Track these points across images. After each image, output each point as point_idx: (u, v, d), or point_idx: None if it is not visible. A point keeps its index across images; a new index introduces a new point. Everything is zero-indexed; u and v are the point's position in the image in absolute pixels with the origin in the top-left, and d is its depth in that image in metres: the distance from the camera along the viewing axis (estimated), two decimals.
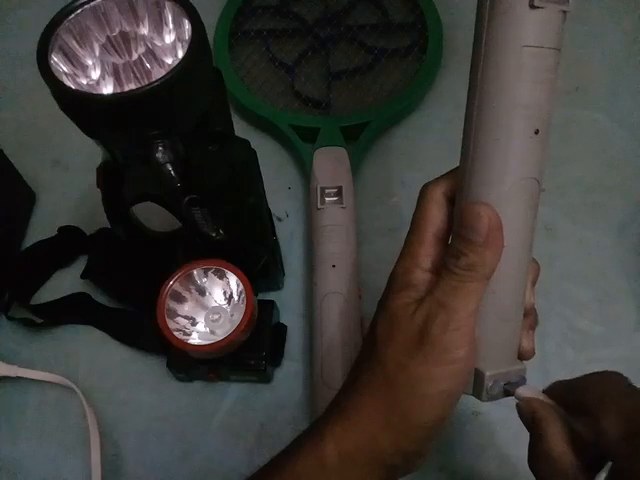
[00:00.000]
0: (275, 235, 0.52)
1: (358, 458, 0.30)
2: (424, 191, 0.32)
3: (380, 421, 0.30)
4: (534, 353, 0.33)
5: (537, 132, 0.28)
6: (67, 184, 0.59)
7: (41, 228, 0.56)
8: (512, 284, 0.31)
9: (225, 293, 0.45)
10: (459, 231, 0.29)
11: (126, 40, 0.37)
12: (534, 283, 0.34)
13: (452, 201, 0.32)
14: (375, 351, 0.31)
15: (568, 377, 0.31)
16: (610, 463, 0.27)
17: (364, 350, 0.33)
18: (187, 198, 0.39)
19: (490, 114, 0.28)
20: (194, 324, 0.44)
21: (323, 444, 0.30)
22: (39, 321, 0.51)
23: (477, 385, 0.31)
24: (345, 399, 0.31)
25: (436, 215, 0.32)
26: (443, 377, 0.29)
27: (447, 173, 0.33)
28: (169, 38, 0.37)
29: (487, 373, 0.30)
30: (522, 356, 0.33)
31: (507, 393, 0.31)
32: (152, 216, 0.46)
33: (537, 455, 0.29)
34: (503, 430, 0.45)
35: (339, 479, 0.30)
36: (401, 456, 0.30)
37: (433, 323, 0.29)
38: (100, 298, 0.53)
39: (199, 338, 0.44)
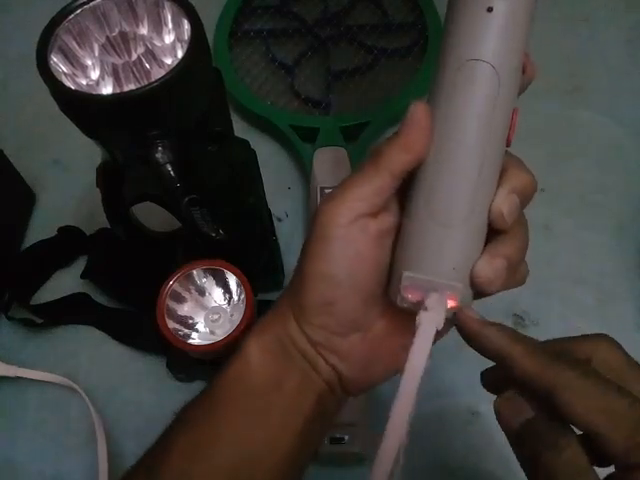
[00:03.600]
0: (275, 235, 0.52)
1: (276, 348, 0.30)
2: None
3: (286, 310, 0.30)
4: (491, 284, 0.28)
5: (490, 10, 0.27)
6: (67, 184, 0.59)
7: (41, 228, 0.56)
8: (456, 184, 0.28)
9: (225, 293, 0.45)
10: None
11: (125, 40, 0.37)
12: (519, 194, 0.28)
13: None
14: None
15: None
16: None
17: None
18: (187, 198, 0.39)
19: None
20: (194, 324, 0.44)
21: (247, 344, 0.30)
22: (39, 321, 0.51)
23: (393, 285, 0.29)
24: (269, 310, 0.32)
25: None
26: (319, 255, 0.29)
27: None
28: (168, 38, 0.37)
29: (405, 273, 0.28)
30: (474, 281, 0.28)
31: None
32: (152, 216, 0.46)
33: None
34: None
35: (264, 372, 0.30)
36: (310, 345, 0.30)
37: (322, 201, 0.29)
38: (100, 298, 0.53)
39: (199, 338, 0.44)
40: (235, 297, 0.45)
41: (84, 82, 0.36)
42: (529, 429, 0.25)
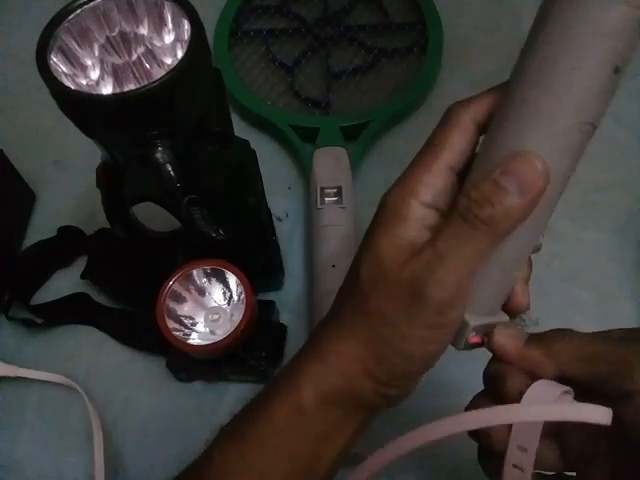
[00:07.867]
0: (275, 235, 0.52)
1: (338, 400, 0.28)
2: (450, 111, 0.27)
3: (360, 369, 0.28)
4: (528, 307, 0.30)
5: (617, 70, 0.24)
6: (67, 184, 0.59)
7: (41, 228, 0.56)
8: (530, 237, 0.27)
9: (225, 293, 0.45)
10: (496, 175, 0.24)
11: (125, 40, 0.37)
12: None
13: (482, 130, 0.27)
14: (359, 295, 0.27)
15: None
16: None
17: (348, 283, 0.29)
18: (187, 198, 0.39)
19: (566, 40, 0.23)
20: (194, 324, 0.44)
21: (300, 388, 0.28)
22: (39, 321, 0.51)
23: (457, 334, 0.28)
24: (326, 341, 0.29)
25: (457, 142, 0.26)
26: (431, 340, 0.27)
27: (483, 94, 0.27)
28: (168, 38, 0.37)
29: (471, 324, 0.28)
30: (515, 309, 0.30)
31: (482, 343, 0.29)
32: (152, 216, 0.46)
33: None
34: None
35: (319, 422, 0.28)
36: (382, 399, 0.29)
37: (428, 281, 0.25)
38: (100, 298, 0.53)
39: (199, 338, 0.44)
40: (235, 297, 0.45)
41: (84, 82, 0.36)
42: None
